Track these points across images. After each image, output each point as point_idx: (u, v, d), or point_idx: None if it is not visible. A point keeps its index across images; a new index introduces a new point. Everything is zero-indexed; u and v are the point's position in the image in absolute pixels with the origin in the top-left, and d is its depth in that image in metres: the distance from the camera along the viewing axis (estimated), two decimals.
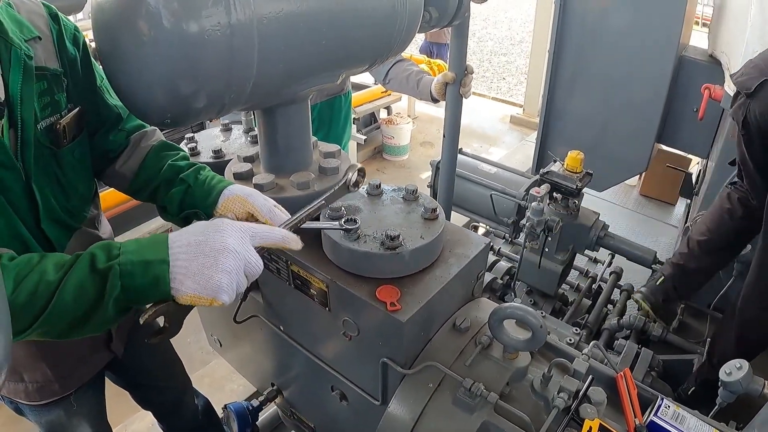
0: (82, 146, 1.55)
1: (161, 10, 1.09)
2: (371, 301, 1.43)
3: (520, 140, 8.17)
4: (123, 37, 1.18)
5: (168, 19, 1.09)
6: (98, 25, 1.26)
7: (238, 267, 1.13)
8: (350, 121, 3.36)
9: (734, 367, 1.82)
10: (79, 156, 1.54)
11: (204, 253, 1.10)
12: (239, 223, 1.18)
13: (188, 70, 1.14)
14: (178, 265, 1.09)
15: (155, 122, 1.26)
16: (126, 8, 1.13)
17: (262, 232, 1.20)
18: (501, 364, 1.53)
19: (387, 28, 1.52)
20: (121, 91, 1.30)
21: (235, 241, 1.13)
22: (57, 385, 1.78)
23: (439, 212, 1.59)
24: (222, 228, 1.14)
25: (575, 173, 3.20)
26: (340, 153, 1.84)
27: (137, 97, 1.24)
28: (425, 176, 7.28)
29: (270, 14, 1.20)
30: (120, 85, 1.30)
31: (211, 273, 1.09)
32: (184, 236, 1.12)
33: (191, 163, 1.61)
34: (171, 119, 1.23)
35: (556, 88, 4.39)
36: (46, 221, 1.45)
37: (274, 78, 1.32)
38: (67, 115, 1.44)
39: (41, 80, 1.37)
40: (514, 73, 13.13)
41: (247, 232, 1.17)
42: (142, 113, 1.27)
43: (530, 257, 3.32)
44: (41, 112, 1.38)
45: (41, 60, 1.38)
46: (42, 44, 1.40)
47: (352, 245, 1.47)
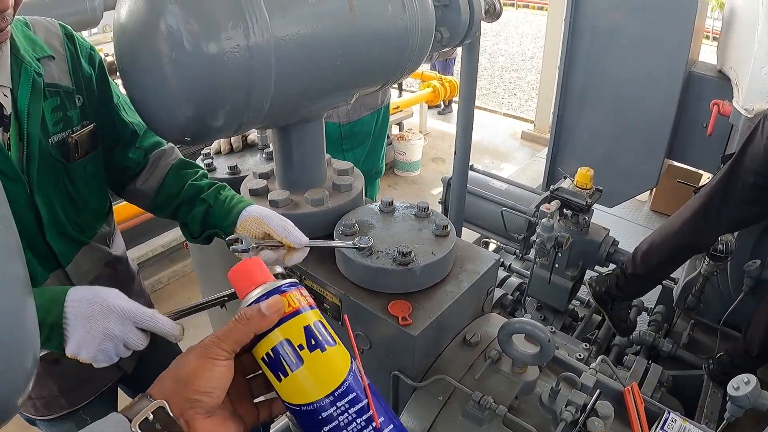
0: (95, 162, 1.58)
1: (182, 31, 1.14)
2: (383, 315, 1.47)
3: (531, 156, 8.18)
4: (144, 57, 1.23)
5: (189, 40, 1.14)
6: (120, 44, 1.31)
7: (115, 345, 1.20)
8: (386, 133, 3.41)
9: (742, 382, 1.83)
10: (91, 171, 1.57)
11: (89, 331, 1.17)
12: (125, 308, 1.20)
13: (208, 90, 1.19)
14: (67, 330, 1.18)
15: (175, 140, 1.30)
16: (147, 29, 1.18)
17: (145, 319, 1.21)
18: (510, 378, 1.56)
19: (399, 49, 1.56)
20: (142, 109, 1.35)
21: (115, 327, 1.18)
22: (64, 400, 1.80)
23: (450, 229, 1.62)
24: (108, 314, 1.18)
25: (585, 189, 3.22)
26: (353, 170, 1.88)
27: (157, 116, 1.29)
28: (436, 192, 7.30)
29: (287, 37, 1.25)
30: (140, 104, 1.35)
31: (90, 347, 1.18)
32: (79, 308, 1.18)
33: (212, 183, 1.65)
34: (190, 137, 1.28)
35: (566, 104, 4.41)
36: (51, 234, 1.48)
37: (291, 97, 1.37)
38: (79, 131, 1.49)
39: (54, 96, 1.43)
40: (525, 89, 13.15)
41: (130, 318, 1.20)
42: (162, 131, 1.32)
43: (540, 273, 3.34)
44: (53, 127, 1.43)
45: (54, 77, 1.44)
46: (55, 63, 1.46)
47: (365, 261, 1.51)
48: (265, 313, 0.75)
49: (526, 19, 20.18)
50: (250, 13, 1.18)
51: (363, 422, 0.75)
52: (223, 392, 0.76)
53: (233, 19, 1.16)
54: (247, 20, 1.17)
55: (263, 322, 0.76)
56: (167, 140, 1.33)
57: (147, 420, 0.70)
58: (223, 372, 0.75)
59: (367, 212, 1.73)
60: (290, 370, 0.75)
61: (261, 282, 0.81)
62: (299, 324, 0.77)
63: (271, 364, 0.77)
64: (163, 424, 0.71)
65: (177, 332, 1.22)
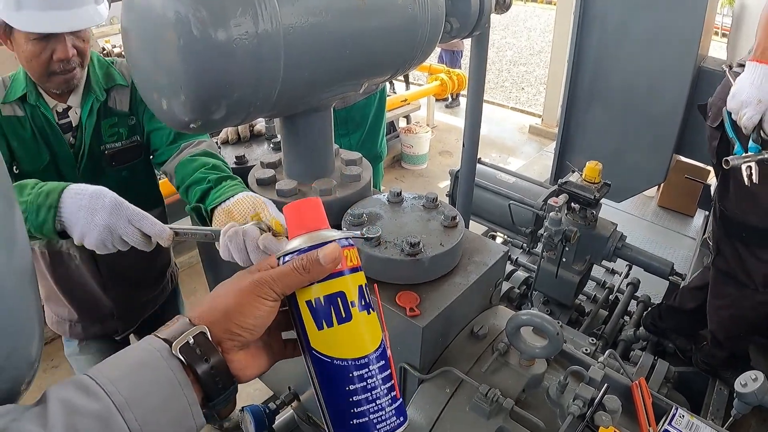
0: (132, 170, 2.11)
1: (191, 18, 1.12)
2: (391, 306, 1.46)
3: (539, 151, 8.17)
4: (152, 44, 1.22)
5: (197, 27, 1.12)
6: (128, 31, 1.30)
7: (112, 237, 1.38)
8: (384, 117, 3.37)
9: (750, 379, 1.82)
10: (127, 175, 2.09)
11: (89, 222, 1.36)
12: (121, 204, 1.40)
13: (216, 77, 1.17)
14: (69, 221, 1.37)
15: (182, 127, 1.29)
16: (155, 16, 1.17)
17: (136, 216, 1.40)
18: (517, 371, 1.55)
19: (409, 38, 1.54)
20: (148, 95, 1.35)
21: (111, 219, 1.37)
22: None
23: (458, 220, 1.61)
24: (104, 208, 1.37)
25: (593, 183, 3.21)
26: (362, 160, 1.87)
27: (164, 103, 1.28)
28: (444, 185, 7.30)
29: (296, 25, 1.23)
30: (146, 91, 1.34)
31: (92, 235, 1.36)
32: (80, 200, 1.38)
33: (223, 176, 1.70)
34: (196, 126, 1.27)
35: (574, 99, 4.39)
36: None
37: (299, 86, 1.35)
38: (128, 144, 2.06)
39: (112, 116, 2.01)
40: (533, 83, 13.12)
41: (125, 214, 1.39)
42: (168, 118, 1.31)
43: (547, 267, 3.33)
44: (108, 139, 2.01)
45: (115, 102, 2.02)
46: (122, 90, 2.06)
47: (372, 251, 1.50)
48: (323, 265, 0.75)
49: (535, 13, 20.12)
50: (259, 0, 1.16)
51: (386, 389, 0.78)
52: (263, 330, 0.78)
53: (242, 6, 1.14)
54: (257, 7, 1.15)
55: (321, 271, 0.76)
56: (174, 127, 1.33)
57: (188, 344, 0.71)
58: (268, 312, 0.76)
59: (375, 203, 1.71)
60: (336, 323, 0.76)
61: (318, 227, 0.80)
62: (356, 281, 0.79)
63: (315, 312, 0.76)
64: (203, 350, 0.72)
65: (166, 236, 1.39)
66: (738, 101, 2.00)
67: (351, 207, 1.68)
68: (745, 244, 2.50)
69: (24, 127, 1.86)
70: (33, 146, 1.89)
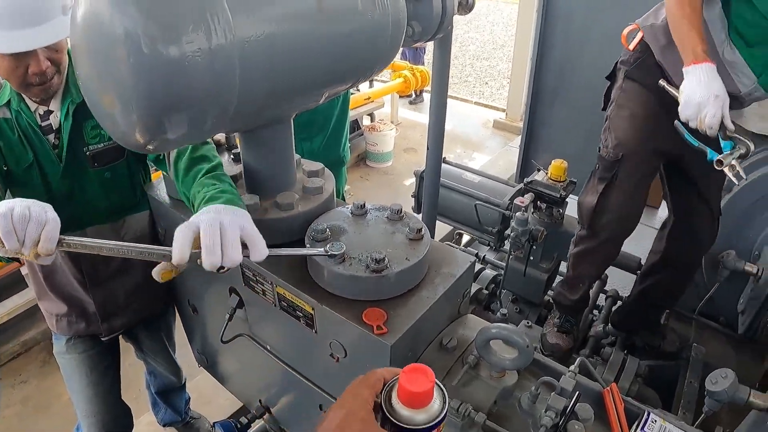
0: (115, 170, 2.08)
1: (140, 35, 1.06)
2: (358, 324, 1.42)
3: (504, 145, 8.19)
4: (101, 62, 1.17)
5: (147, 44, 1.07)
6: (76, 48, 1.25)
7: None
8: (347, 119, 3.27)
9: (720, 377, 1.82)
10: (109, 176, 2.07)
11: None
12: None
13: (169, 96, 1.12)
14: None
15: (137, 149, 1.24)
16: (103, 33, 1.11)
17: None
18: (488, 383, 1.53)
19: (371, 46, 1.50)
20: (100, 115, 1.29)
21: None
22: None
23: (424, 232, 1.58)
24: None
25: (559, 182, 3.22)
26: (324, 171, 1.83)
27: (116, 123, 1.22)
28: (409, 183, 7.28)
29: (251, 38, 1.18)
30: (98, 110, 1.29)
31: None
32: None
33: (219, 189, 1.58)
34: (153, 147, 1.21)
35: (539, 96, 4.40)
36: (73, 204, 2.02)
37: (257, 101, 1.31)
38: (111, 144, 2.01)
39: (92, 118, 1.80)
40: (497, 78, 13.15)
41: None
42: (122, 139, 1.26)
43: (515, 266, 3.33)
44: (91, 140, 1.99)
45: None
46: None
47: (337, 269, 1.46)
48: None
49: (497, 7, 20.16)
50: (212, 13, 1.11)
51: None
52: None
53: (194, 21, 1.09)
54: (209, 22, 1.10)
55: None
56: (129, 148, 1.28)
57: None
58: None
59: (338, 216, 1.67)
60: None
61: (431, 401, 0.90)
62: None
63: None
64: None
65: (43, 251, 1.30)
66: (693, 105, 2.00)
67: (314, 221, 1.64)
68: None
69: (11, 128, 1.89)
70: (18, 147, 1.91)
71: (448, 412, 0.91)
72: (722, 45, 2.21)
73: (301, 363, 1.81)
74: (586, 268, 2.93)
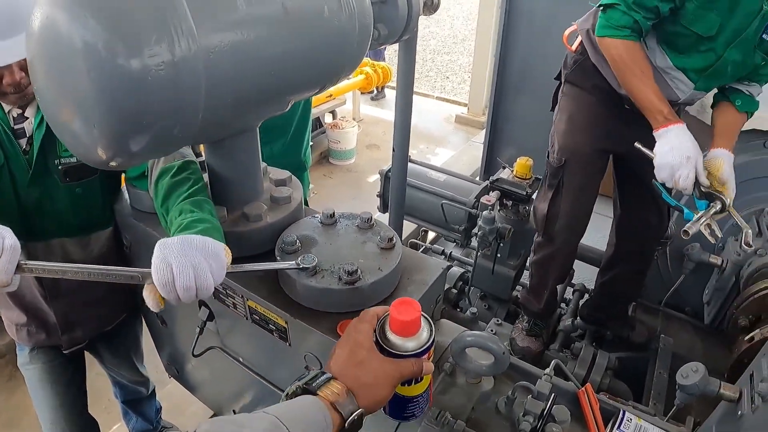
0: (86, 186, 1.97)
1: (100, 48, 1.02)
2: (333, 337, 1.40)
3: (466, 140, 8.21)
4: (60, 77, 1.12)
5: (108, 59, 1.02)
6: (33, 63, 1.19)
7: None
8: (309, 122, 3.21)
9: (690, 371, 1.84)
10: (80, 192, 1.96)
11: None
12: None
13: (131, 111, 1.08)
14: None
15: (100, 165, 1.19)
16: (62, 46, 1.06)
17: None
18: (465, 390, 1.53)
19: (337, 52, 1.48)
20: (61, 131, 1.24)
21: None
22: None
23: (395, 241, 1.56)
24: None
25: (525, 179, 3.23)
26: (291, 179, 1.80)
27: (78, 140, 1.17)
28: (373, 179, 7.26)
29: (216, 48, 1.15)
30: (58, 126, 1.24)
31: None
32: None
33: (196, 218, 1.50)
34: (116, 164, 1.17)
35: (503, 91, 4.40)
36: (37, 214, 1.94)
37: (223, 112, 1.27)
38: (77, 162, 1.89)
39: None
40: (458, 72, 13.18)
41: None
42: (85, 157, 1.21)
43: (483, 264, 3.33)
44: (64, 153, 1.88)
45: None
46: None
47: (309, 282, 1.43)
48: (425, 371, 1.10)
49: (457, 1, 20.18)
50: (174, 24, 1.06)
51: (425, 403, 1.20)
52: None
53: (157, 33, 1.05)
54: (172, 33, 1.06)
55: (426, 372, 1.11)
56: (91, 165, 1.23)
57: (353, 421, 1.00)
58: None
59: (308, 226, 1.65)
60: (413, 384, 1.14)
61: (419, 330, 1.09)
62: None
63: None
64: (358, 422, 1.01)
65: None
66: (668, 168, 2.06)
67: (284, 232, 1.61)
68: None
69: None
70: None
71: (435, 340, 1.10)
72: (653, 52, 2.27)
73: (275, 375, 1.78)
74: (547, 274, 2.96)
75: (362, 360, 1.05)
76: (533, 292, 3.07)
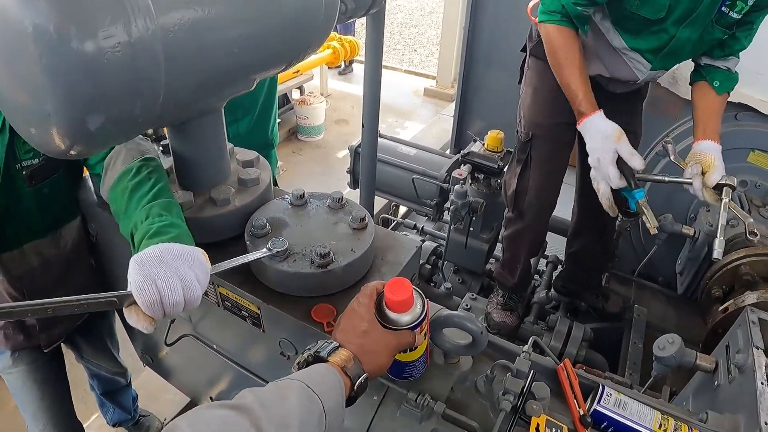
0: (53, 184, 1.85)
1: (52, 31, 0.95)
2: (307, 323, 1.37)
3: (435, 113, 8.18)
4: (10, 63, 1.05)
5: (60, 42, 0.96)
6: None
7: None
8: (275, 99, 3.14)
9: (667, 342, 1.85)
10: (47, 191, 1.84)
11: None
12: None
13: (88, 97, 1.03)
14: None
15: (58, 155, 1.13)
16: (11, 31, 1.00)
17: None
18: (444, 371, 1.50)
19: (303, 27, 1.42)
20: (15, 121, 1.18)
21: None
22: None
23: (367, 221, 1.53)
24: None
25: (496, 152, 3.22)
26: (259, 160, 1.75)
27: (33, 129, 1.11)
28: (342, 155, 7.21)
29: (175, 26, 1.09)
30: (12, 115, 1.17)
31: None
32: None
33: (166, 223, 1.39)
34: (76, 152, 1.11)
35: (472, 64, 4.36)
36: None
37: (185, 94, 1.22)
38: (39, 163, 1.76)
39: None
40: (426, 45, 13.11)
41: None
42: (42, 146, 1.15)
43: (456, 238, 3.33)
44: (23, 155, 1.73)
45: None
46: None
47: (281, 266, 1.39)
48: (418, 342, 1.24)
49: None
50: (130, 3, 1.00)
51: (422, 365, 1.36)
52: None
53: (111, 13, 0.98)
54: (128, 12, 1.00)
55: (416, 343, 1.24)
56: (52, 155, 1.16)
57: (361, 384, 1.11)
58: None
59: (277, 208, 1.60)
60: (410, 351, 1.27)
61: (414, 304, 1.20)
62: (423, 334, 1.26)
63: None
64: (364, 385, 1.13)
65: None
66: (594, 173, 2.10)
67: (253, 215, 1.56)
68: None
69: None
70: None
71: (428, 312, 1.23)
72: (609, 32, 2.24)
73: (250, 361, 1.75)
74: (519, 249, 2.95)
75: (365, 331, 1.16)
76: (506, 267, 3.06)
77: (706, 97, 2.24)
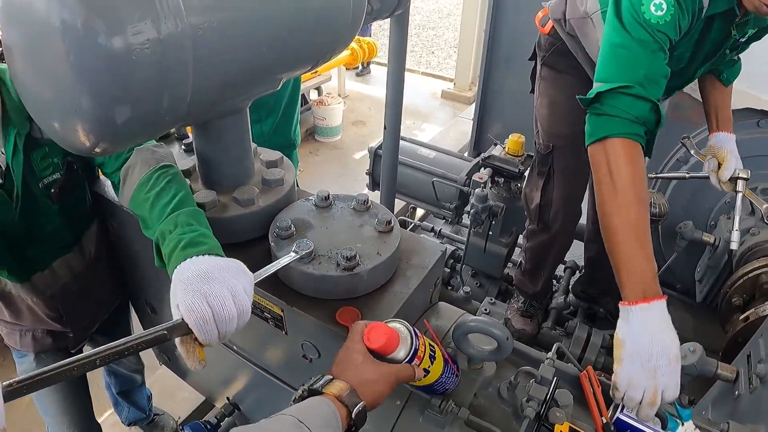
0: (75, 197, 1.82)
1: (80, 27, 0.95)
2: (331, 325, 1.35)
3: (453, 116, 8.15)
4: (38, 60, 1.05)
5: (88, 38, 0.95)
6: (9, 42, 1.12)
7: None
8: (299, 99, 3.12)
9: (688, 351, 1.83)
10: (72, 204, 1.81)
11: None
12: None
13: (115, 94, 1.02)
14: None
15: (85, 152, 1.12)
16: (39, 27, 0.99)
17: None
18: (468, 376, 1.48)
19: (331, 27, 1.41)
20: (42, 120, 1.17)
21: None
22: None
23: (393, 224, 1.51)
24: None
25: (517, 156, 3.20)
26: (283, 161, 1.74)
27: (60, 126, 1.11)
28: (359, 156, 7.19)
29: (204, 25, 1.08)
30: (37, 113, 1.17)
31: None
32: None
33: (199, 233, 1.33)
34: (101, 150, 1.10)
35: (492, 66, 4.34)
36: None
37: (212, 93, 1.21)
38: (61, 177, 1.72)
39: (42, 147, 1.66)
40: (443, 47, 13.07)
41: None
42: (67, 144, 1.14)
43: (475, 242, 3.31)
44: (42, 172, 1.68)
45: (38, 131, 1.62)
46: None
47: (306, 268, 1.38)
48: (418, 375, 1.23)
49: None
50: (161, 0, 1.00)
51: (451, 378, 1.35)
52: None
53: (140, 9, 0.97)
54: (158, 8, 0.99)
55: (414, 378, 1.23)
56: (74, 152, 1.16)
57: (359, 413, 1.08)
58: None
59: (302, 209, 1.58)
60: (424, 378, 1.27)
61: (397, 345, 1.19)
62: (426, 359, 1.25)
63: None
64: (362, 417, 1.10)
65: None
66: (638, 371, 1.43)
67: (277, 216, 1.55)
68: None
69: None
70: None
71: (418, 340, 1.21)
72: None
73: (270, 363, 1.74)
74: (544, 260, 2.92)
75: (361, 362, 1.15)
76: (528, 275, 3.03)
77: (715, 90, 2.31)
